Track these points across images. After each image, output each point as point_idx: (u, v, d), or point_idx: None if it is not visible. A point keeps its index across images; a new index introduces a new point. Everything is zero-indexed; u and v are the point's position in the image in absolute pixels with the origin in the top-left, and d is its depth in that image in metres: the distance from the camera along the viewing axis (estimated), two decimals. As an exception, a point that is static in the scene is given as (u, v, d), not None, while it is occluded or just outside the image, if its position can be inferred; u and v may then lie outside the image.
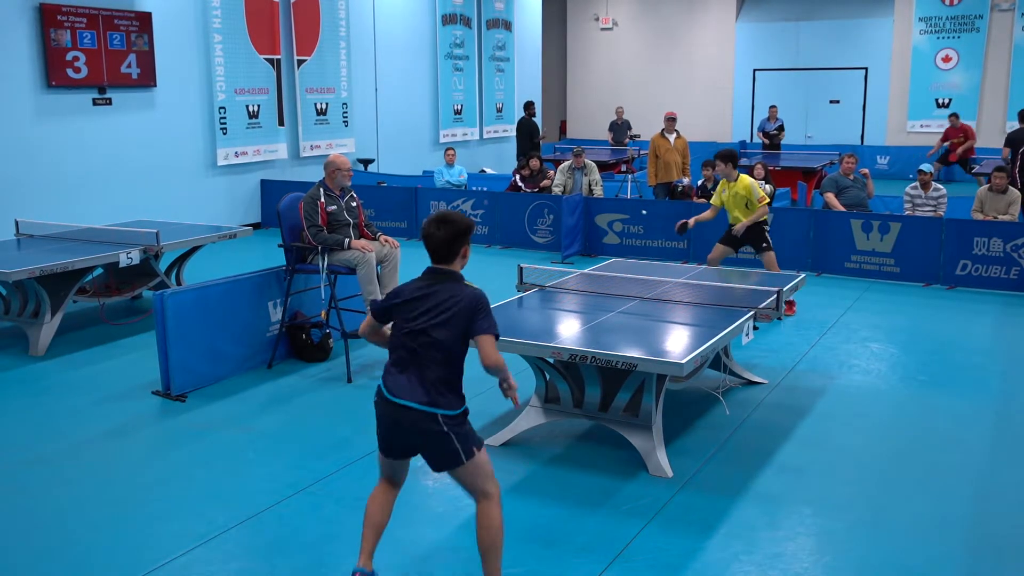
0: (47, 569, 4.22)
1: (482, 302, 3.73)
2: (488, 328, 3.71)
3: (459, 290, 3.74)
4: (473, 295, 3.74)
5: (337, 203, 7.09)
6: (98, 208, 11.05)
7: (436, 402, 3.69)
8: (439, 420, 3.67)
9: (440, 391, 3.72)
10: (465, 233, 3.81)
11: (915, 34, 20.65)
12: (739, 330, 5.49)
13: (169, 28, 12.12)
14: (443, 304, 3.71)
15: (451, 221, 3.78)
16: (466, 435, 3.74)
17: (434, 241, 3.77)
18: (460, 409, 3.75)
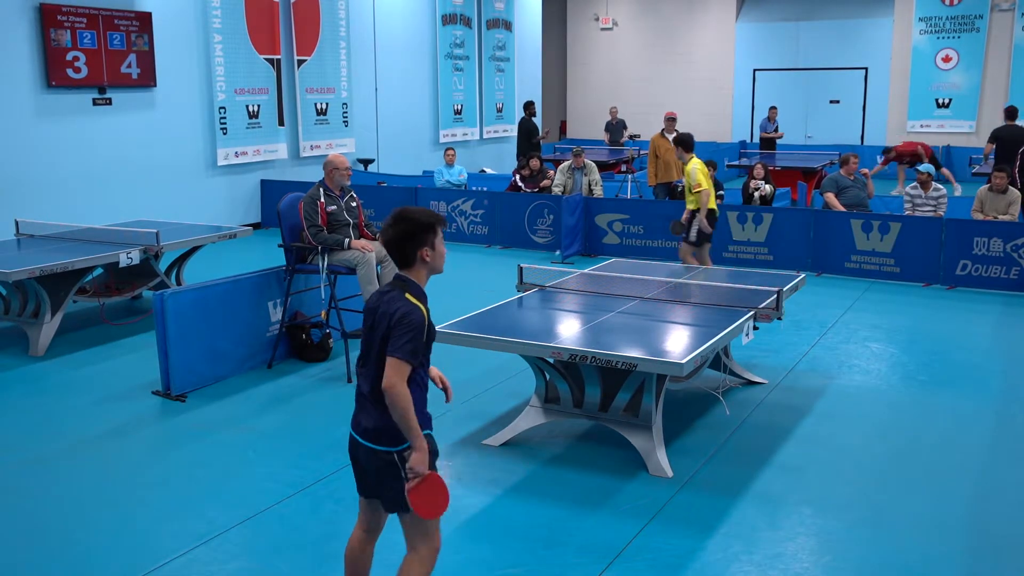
0: (47, 569, 4.22)
1: (404, 319, 3.20)
2: (394, 349, 3.18)
3: (393, 302, 3.27)
4: (402, 308, 3.24)
5: (337, 203, 7.09)
6: (98, 208, 11.05)
7: (375, 435, 3.29)
8: (380, 456, 3.29)
9: (380, 422, 3.28)
10: (419, 232, 3.30)
11: (915, 34, 20.65)
12: (739, 330, 5.49)
13: (169, 28, 12.12)
14: (380, 319, 3.28)
15: (403, 219, 3.32)
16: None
17: (385, 243, 3.35)
18: (404, 445, 3.26)
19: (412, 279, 3.34)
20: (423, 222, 3.31)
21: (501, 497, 4.91)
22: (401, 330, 3.19)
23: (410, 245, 3.30)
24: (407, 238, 3.30)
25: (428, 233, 3.32)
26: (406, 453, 3.22)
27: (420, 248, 3.31)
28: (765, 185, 12.18)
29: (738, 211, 11.06)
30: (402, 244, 3.30)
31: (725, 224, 11.03)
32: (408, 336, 3.18)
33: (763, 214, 10.90)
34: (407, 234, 3.30)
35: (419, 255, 3.32)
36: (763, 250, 10.85)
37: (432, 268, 3.38)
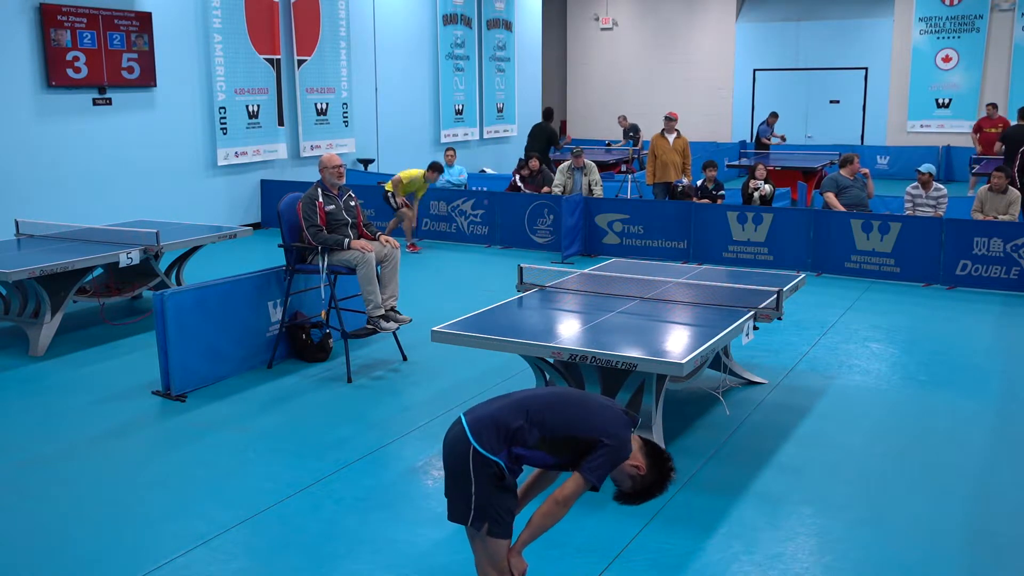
0: (47, 569, 4.22)
1: (614, 450, 3.30)
2: (591, 472, 3.30)
3: (623, 431, 3.36)
4: (622, 441, 3.32)
5: (335, 203, 7.09)
6: (98, 208, 11.06)
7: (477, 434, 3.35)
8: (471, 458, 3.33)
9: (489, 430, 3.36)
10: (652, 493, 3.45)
11: (915, 34, 20.66)
12: (739, 330, 5.49)
13: (169, 28, 12.12)
14: (600, 415, 3.38)
15: (657, 487, 3.44)
16: (490, 499, 3.33)
17: None
18: (498, 456, 3.33)
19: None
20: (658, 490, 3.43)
21: None
22: (607, 457, 3.27)
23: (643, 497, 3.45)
24: (645, 494, 3.45)
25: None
26: (494, 468, 3.25)
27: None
28: (765, 185, 12.17)
29: (738, 211, 11.06)
30: (643, 495, 3.46)
31: (725, 224, 11.03)
32: (610, 466, 3.29)
33: (763, 214, 10.90)
34: (647, 492, 3.44)
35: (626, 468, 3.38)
36: (763, 250, 10.85)
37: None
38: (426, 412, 6.17)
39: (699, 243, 11.19)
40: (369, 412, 6.22)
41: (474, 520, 3.26)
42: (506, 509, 3.29)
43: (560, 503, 3.25)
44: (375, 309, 6.95)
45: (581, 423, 3.28)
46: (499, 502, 3.26)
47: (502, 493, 3.27)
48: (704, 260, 10.92)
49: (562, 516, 3.26)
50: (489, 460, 3.22)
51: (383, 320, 6.99)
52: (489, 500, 3.24)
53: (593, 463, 3.21)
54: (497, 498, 3.25)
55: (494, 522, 3.26)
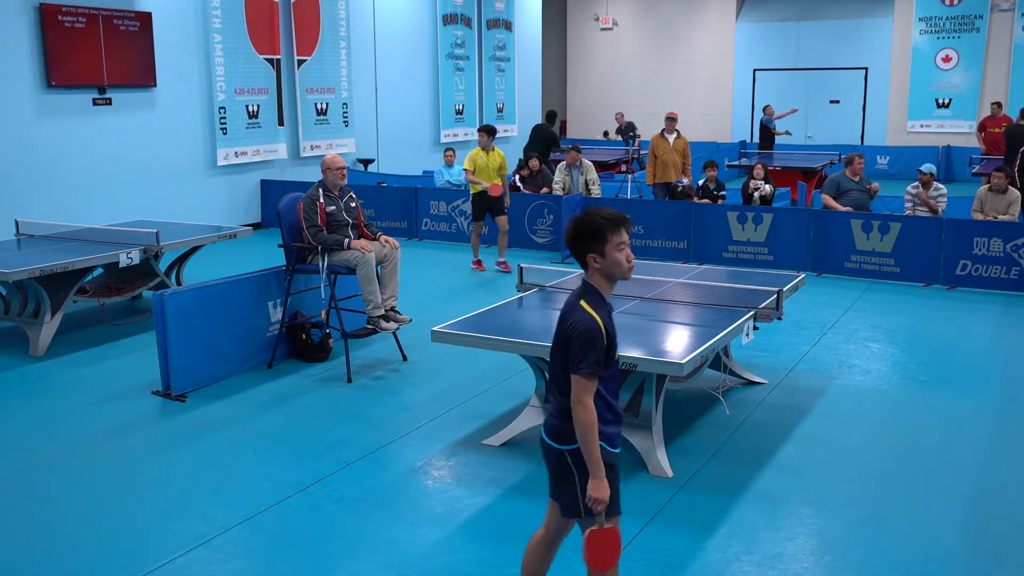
0: (47, 569, 4.22)
1: (580, 332, 3.13)
2: (575, 365, 3.12)
3: (571, 311, 3.22)
4: (576, 319, 3.17)
5: (336, 203, 7.09)
6: (98, 208, 11.06)
7: (552, 432, 3.28)
8: (555, 453, 3.27)
9: (557, 421, 3.27)
10: (588, 235, 3.17)
11: (915, 34, 20.66)
12: (739, 330, 5.49)
13: (169, 28, 12.12)
14: (559, 324, 3.26)
15: (577, 220, 3.21)
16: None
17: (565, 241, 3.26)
18: (574, 444, 3.20)
19: (593, 284, 3.23)
20: (593, 226, 3.17)
21: (501, 497, 4.91)
22: (577, 343, 3.11)
23: (578, 248, 3.21)
24: (575, 241, 3.20)
25: (596, 239, 3.16)
26: (576, 455, 3.18)
27: (587, 253, 3.19)
28: (765, 185, 12.17)
29: (738, 211, 11.06)
30: (572, 246, 3.22)
31: (725, 224, 11.03)
32: (584, 349, 3.09)
33: (763, 214, 10.90)
34: (574, 237, 3.20)
35: (587, 261, 3.21)
36: (763, 250, 10.85)
37: (607, 274, 3.22)
38: (426, 412, 6.17)
39: (699, 243, 11.19)
40: (369, 412, 6.22)
41: (587, 512, 3.21)
42: (613, 489, 3.21)
43: (576, 411, 3.11)
44: (375, 309, 6.95)
45: (555, 353, 3.27)
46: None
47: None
48: (704, 260, 10.92)
49: (588, 418, 3.08)
50: (570, 448, 3.21)
51: (383, 320, 6.99)
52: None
53: (572, 359, 3.12)
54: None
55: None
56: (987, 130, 16.96)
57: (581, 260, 3.22)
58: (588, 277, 3.25)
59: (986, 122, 17.19)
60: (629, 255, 3.22)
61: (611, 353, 3.19)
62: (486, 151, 10.62)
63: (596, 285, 3.23)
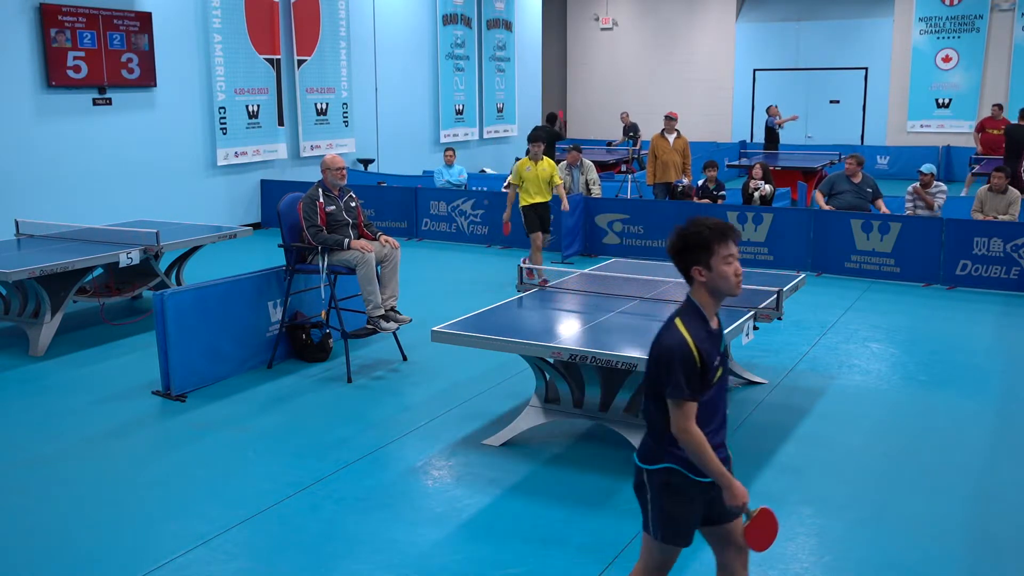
0: (47, 569, 4.22)
1: (663, 353, 3.00)
2: (668, 391, 2.98)
3: (663, 329, 3.08)
4: (666, 340, 3.02)
5: (336, 203, 7.09)
6: (98, 208, 11.06)
7: (640, 452, 3.18)
8: (637, 471, 3.20)
9: (646, 441, 3.18)
10: (693, 247, 3.01)
11: (915, 34, 20.66)
12: (739, 330, 5.49)
13: (169, 28, 12.12)
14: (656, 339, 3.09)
15: (680, 230, 3.05)
16: (662, 506, 3.13)
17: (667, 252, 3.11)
18: (655, 465, 3.13)
19: (695, 300, 3.08)
20: (698, 237, 3.00)
21: (501, 497, 4.91)
22: (661, 365, 2.98)
23: (682, 260, 3.05)
24: (680, 253, 3.04)
25: (702, 250, 3.00)
26: (662, 475, 3.11)
27: (691, 267, 3.03)
28: (765, 185, 12.16)
29: (738, 211, 11.06)
30: (676, 258, 3.06)
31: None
32: (668, 371, 2.96)
33: (763, 214, 10.90)
34: (680, 249, 3.04)
35: (691, 274, 3.04)
36: (763, 250, 10.85)
37: (712, 289, 3.04)
38: (426, 412, 6.17)
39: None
40: (369, 412, 6.22)
41: (654, 535, 3.19)
42: (683, 517, 3.17)
43: (680, 441, 3.02)
44: (375, 309, 6.95)
45: (645, 373, 3.15)
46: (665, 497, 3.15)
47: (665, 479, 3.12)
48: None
49: (693, 444, 2.98)
50: (646, 468, 3.15)
51: (383, 320, 6.99)
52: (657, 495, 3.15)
53: (664, 384, 2.98)
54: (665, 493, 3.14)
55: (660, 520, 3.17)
56: (986, 131, 16.95)
57: (685, 273, 3.07)
58: (692, 292, 3.09)
59: (985, 123, 17.18)
60: (737, 268, 3.05)
61: (706, 376, 3.01)
62: (535, 161, 9.72)
63: (698, 301, 3.07)
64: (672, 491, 3.12)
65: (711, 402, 3.09)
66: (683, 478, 3.11)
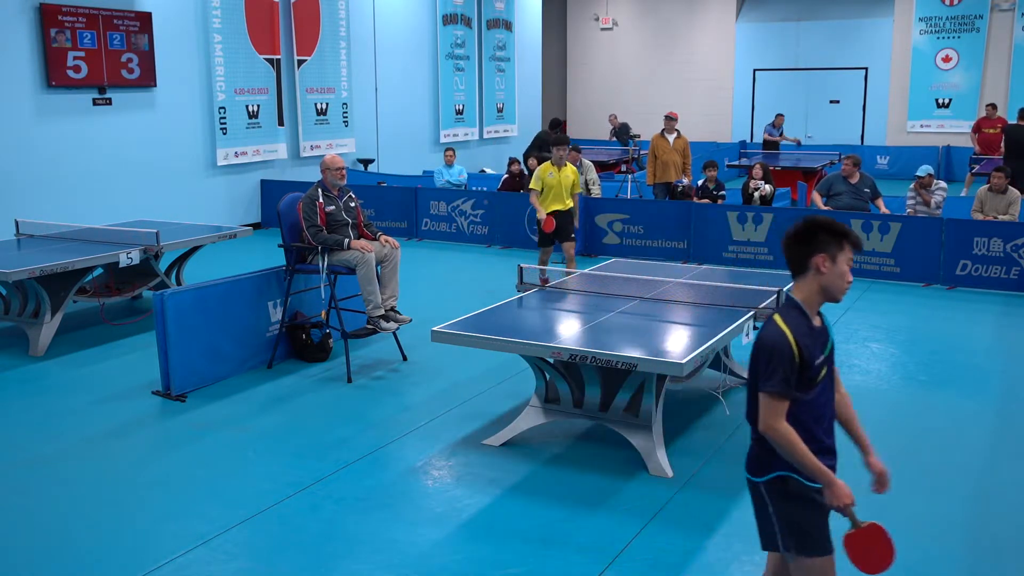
0: (47, 569, 4.22)
1: (761, 348, 2.92)
2: (762, 384, 2.90)
3: (763, 325, 2.99)
4: (764, 334, 2.95)
5: (335, 203, 7.10)
6: (98, 208, 11.06)
7: (748, 463, 3.09)
8: (749, 484, 3.08)
9: (752, 450, 3.07)
10: (829, 234, 2.95)
11: (915, 34, 20.66)
12: (739, 330, 5.49)
13: (169, 28, 12.12)
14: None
15: (809, 220, 2.97)
16: (787, 516, 3.01)
17: (783, 243, 3.03)
18: (767, 475, 3.02)
19: (796, 298, 2.99)
20: (832, 229, 2.95)
21: (501, 497, 4.91)
22: (762, 359, 2.90)
23: (806, 248, 2.95)
24: (805, 240, 2.95)
25: (835, 241, 2.95)
26: (777, 484, 3.00)
27: (816, 254, 2.94)
28: (765, 185, 12.16)
29: (738, 211, 11.06)
30: (798, 243, 2.96)
31: (725, 224, 11.03)
32: (771, 366, 2.87)
33: (763, 214, 10.90)
34: (806, 235, 2.95)
35: (814, 262, 2.95)
36: (763, 250, 10.84)
37: (825, 286, 2.98)
38: (426, 412, 6.17)
39: (699, 243, 11.19)
40: (369, 412, 6.22)
41: (782, 543, 3.06)
42: (819, 526, 3.03)
43: (768, 437, 2.92)
44: (375, 309, 6.95)
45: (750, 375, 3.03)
46: (798, 505, 3.02)
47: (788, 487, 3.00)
48: (704, 260, 10.91)
49: (783, 441, 2.88)
50: (762, 480, 3.04)
51: (383, 320, 7.00)
52: (785, 505, 3.02)
53: (759, 376, 2.90)
54: (797, 501, 3.02)
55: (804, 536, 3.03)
56: (982, 131, 16.96)
57: (803, 262, 2.96)
58: (796, 289, 3.00)
59: (981, 123, 17.18)
60: (850, 275, 3.03)
61: (807, 373, 2.93)
62: (558, 167, 9.03)
63: (802, 299, 2.99)
64: (794, 498, 3.00)
65: (817, 403, 3.00)
66: (798, 484, 3.00)
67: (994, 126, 16.62)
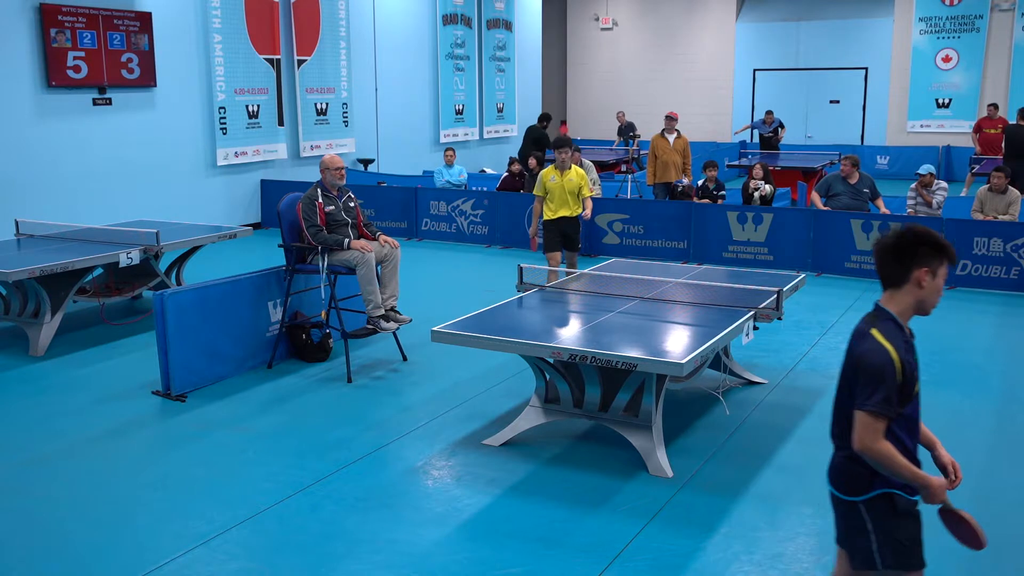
0: (47, 569, 4.22)
1: (867, 367, 2.84)
2: (861, 401, 2.83)
3: (860, 340, 2.92)
4: (865, 351, 2.86)
5: (335, 203, 7.10)
6: (98, 208, 11.06)
7: (838, 482, 3.04)
8: (844, 504, 3.02)
9: (844, 467, 3.02)
10: (932, 248, 2.87)
11: (915, 34, 20.66)
12: (739, 330, 5.49)
13: (169, 28, 12.12)
14: (847, 356, 2.96)
15: (911, 230, 2.91)
16: (889, 533, 2.95)
17: (878, 250, 2.93)
18: (868, 494, 2.96)
19: (889, 310, 2.93)
20: (934, 242, 2.88)
21: (501, 497, 4.91)
22: (864, 377, 2.83)
23: (908, 262, 2.88)
24: (905, 251, 2.88)
25: (937, 255, 2.88)
26: (879, 503, 2.96)
27: (918, 268, 2.87)
28: (765, 185, 12.16)
29: (738, 211, 11.06)
30: (898, 256, 2.89)
31: (725, 224, 11.03)
32: (872, 384, 2.81)
33: (763, 214, 10.90)
34: (908, 247, 2.88)
35: (915, 276, 2.88)
36: (763, 250, 10.85)
37: (922, 300, 2.91)
38: (426, 412, 6.17)
39: (699, 243, 11.19)
40: (369, 412, 6.22)
41: (881, 562, 2.99)
42: (915, 539, 3.00)
43: (865, 456, 2.88)
44: (375, 309, 6.95)
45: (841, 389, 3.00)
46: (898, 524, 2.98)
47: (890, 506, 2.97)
48: (704, 260, 10.92)
49: (883, 457, 2.84)
50: (861, 499, 2.99)
51: (383, 320, 7.00)
52: (884, 524, 2.98)
53: (859, 394, 2.84)
54: (896, 520, 2.98)
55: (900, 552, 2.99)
56: (983, 131, 16.95)
57: (905, 275, 2.90)
58: (888, 300, 2.95)
59: (982, 123, 17.18)
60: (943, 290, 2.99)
61: (907, 389, 2.88)
62: (561, 170, 8.53)
63: (895, 311, 2.93)
64: (898, 515, 2.96)
65: (912, 416, 2.97)
66: (904, 500, 2.97)
67: (995, 126, 16.62)
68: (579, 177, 8.53)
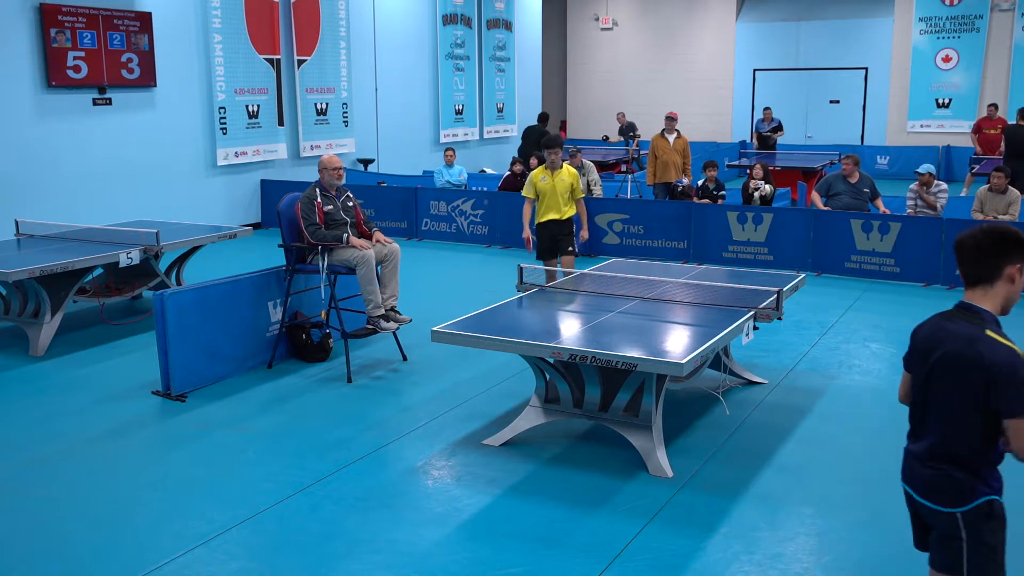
0: (47, 569, 4.22)
1: (1006, 371, 2.75)
2: (1018, 407, 2.76)
3: (974, 343, 2.84)
4: (1001, 357, 2.77)
5: (333, 203, 7.10)
6: (98, 208, 11.06)
7: (938, 494, 3.02)
8: (942, 516, 2.99)
9: (945, 478, 2.99)
10: (1001, 247, 2.83)
11: (915, 34, 20.66)
12: (739, 330, 5.49)
13: (169, 28, 12.12)
14: (949, 354, 2.89)
15: (1005, 228, 2.85)
16: (983, 539, 2.93)
17: (968, 246, 2.87)
18: (972, 503, 2.92)
19: (985, 308, 2.89)
20: (1022, 239, 2.83)
21: (501, 497, 4.91)
22: (1014, 383, 2.75)
23: (1000, 259, 2.83)
24: (1000, 250, 2.83)
25: (1021, 255, 2.84)
26: (996, 509, 2.95)
27: (1010, 264, 2.83)
28: (765, 185, 12.17)
29: (738, 211, 11.06)
30: (990, 255, 2.84)
31: (725, 224, 11.04)
32: (1020, 388, 2.74)
33: (763, 214, 10.90)
34: (1002, 245, 2.83)
35: (1007, 273, 2.83)
36: (763, 250, 10.85)
37: (1010, 297, 2.89)
38: (426, 412, 6.17)
39: (699, 243, 11.19)
40: (369, 412, 6.22)
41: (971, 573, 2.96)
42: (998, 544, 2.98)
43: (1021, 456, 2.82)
44: (375, 309, 6.95)
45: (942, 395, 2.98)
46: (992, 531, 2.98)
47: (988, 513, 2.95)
48: (704, 260, 10.92)
49: None
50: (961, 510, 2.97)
51: (383, 320, 7.00)
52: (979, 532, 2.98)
53: (1011, 401, 2.76)
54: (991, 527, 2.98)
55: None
56: (983, 131, 16.95)
57: (997, 272, 2.86)
58: (985, 297, 2.90)
59: (982, 123, 17.18)
60: None
61: None
62: (551, 170, 8.16)
63: (991, 309, 2.90)
64: (994, 519, 2.95)
65: None
66: (1000, 505, 2.95)
67: (994, 126, 16.62)
68: (571, 176, 8.18)
